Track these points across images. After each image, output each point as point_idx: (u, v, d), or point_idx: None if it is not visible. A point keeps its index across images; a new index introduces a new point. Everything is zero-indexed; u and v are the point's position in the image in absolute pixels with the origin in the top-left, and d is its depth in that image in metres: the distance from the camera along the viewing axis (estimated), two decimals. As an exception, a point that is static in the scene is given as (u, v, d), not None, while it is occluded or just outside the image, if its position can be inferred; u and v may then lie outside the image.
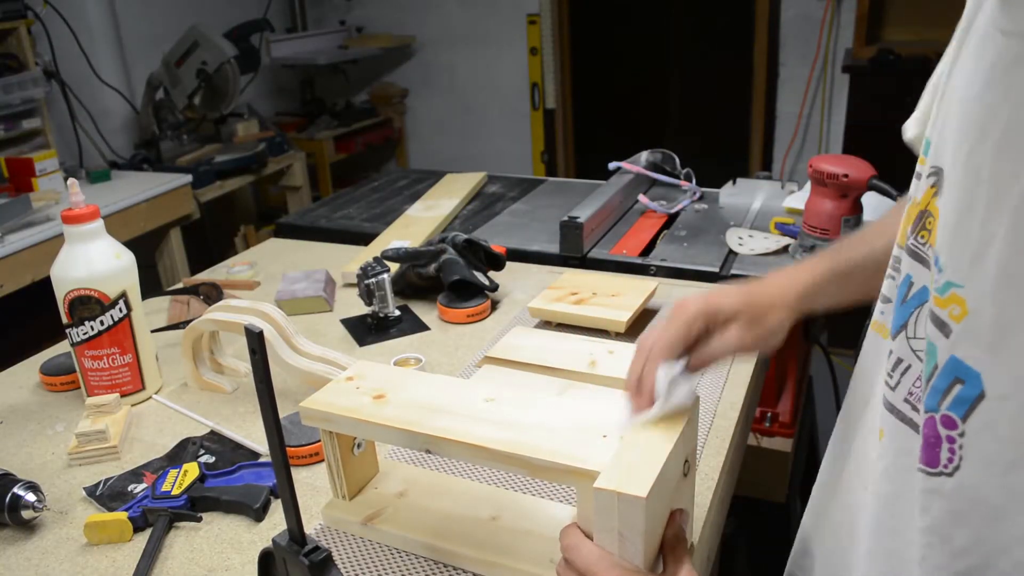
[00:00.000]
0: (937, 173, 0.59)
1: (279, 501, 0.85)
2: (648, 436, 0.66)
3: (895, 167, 1.17)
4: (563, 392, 1.04)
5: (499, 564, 0.76)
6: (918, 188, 0.64)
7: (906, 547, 0.60)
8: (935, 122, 0.62)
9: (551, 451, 0.68)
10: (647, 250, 1.61)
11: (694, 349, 0.72)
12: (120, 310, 1.05)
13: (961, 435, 0.53)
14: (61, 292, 1.04)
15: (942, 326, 0.54)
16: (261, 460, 0.96)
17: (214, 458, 0.97)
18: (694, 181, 1.91)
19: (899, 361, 0.61)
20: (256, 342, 0.58)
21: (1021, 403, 0.51)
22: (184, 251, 2.84)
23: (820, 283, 0.78)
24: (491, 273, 1.38)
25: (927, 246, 0.60)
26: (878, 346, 0.71)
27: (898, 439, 0.62)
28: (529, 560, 0.75)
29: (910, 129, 0.79)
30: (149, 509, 0.86)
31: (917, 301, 0.60)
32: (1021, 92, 0.50)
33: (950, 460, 0.54)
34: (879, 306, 0.73)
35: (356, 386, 0.81)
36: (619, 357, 1.08)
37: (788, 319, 0.75)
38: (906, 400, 0.61)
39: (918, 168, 0.68)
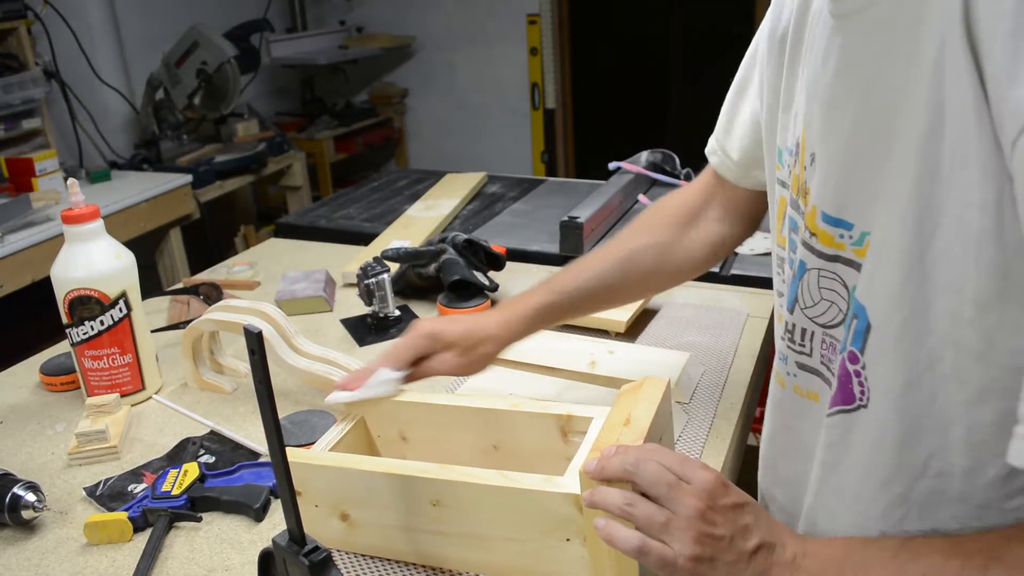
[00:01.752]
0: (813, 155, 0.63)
1: (279, 501, 0.85)
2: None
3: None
4: (563, 392, 1.04)
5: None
6: (786, 187, 0.70)
7: (844, 489, 0.65)
8: (799, 121, 0.67)
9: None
10: (647, 250, 1.61)
11: (418, 363, 0.86)
12: (120, 310, 1.05)
13: (863, 368, 0.58)
14: (61, 292, 1.04)
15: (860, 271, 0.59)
16: (261, 460, 0.96)
17: (214, 458, 0.97)
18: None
19: (804, 331, 0.67)
20: (255, 342, 0.58)
21: (896, 327, 0.55)
22: (184, 251, 2.84)
23: (535, 316, 0.91)
24: (491, 273, 1.38)
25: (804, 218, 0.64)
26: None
27: (825, 394, 0.66)
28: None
29: (720, 146, 0.91)
30: (149, 509, 0.86)
31: (799, 274, 0.66)
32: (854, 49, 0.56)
33: (862, 393, 0.59)
34: (775, 300, 0.79)
35: (315, 504, 0.78)
36: (619, 357, 1.08)
37: (496, 350, 0.89)
38: (822, 362, 0.66)
39: (777, 175, 0.73)
